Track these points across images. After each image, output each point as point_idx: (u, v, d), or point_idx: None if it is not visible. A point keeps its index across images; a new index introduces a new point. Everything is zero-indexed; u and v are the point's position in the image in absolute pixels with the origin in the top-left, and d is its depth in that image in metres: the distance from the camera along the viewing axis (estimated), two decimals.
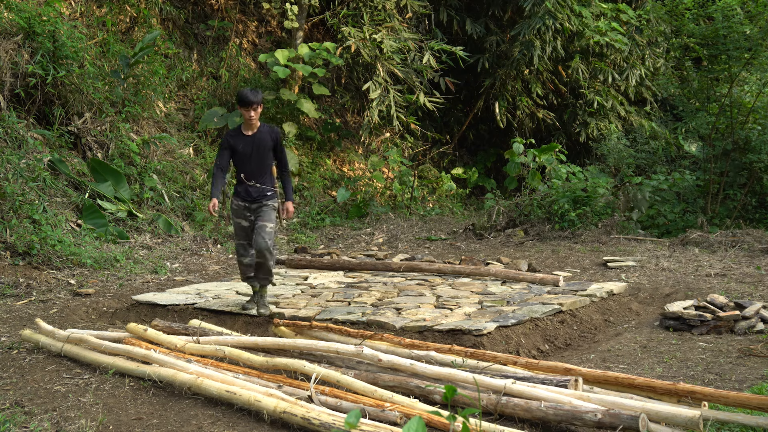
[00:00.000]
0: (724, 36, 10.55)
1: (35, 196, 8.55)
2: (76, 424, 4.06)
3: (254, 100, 6.08)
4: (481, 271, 7.61)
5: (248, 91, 6.11)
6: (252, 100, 6.07)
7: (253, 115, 6.11)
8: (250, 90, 6.15)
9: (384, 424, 3.69)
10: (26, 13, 9.70)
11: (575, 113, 14.71)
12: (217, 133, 12.55)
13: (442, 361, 4.75)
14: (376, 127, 13.31)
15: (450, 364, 4.68)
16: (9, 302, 6.87)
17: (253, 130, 6.19)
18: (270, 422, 3.98)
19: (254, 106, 6.09)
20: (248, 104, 6.07)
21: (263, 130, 6.21)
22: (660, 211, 10.90)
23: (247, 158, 6.16)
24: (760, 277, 7.50)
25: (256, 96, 6.12)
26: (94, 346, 5.19)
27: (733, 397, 3.85)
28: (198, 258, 9.31)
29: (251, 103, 6.07)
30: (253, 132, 6.19)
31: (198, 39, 13.71)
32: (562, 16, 13.32)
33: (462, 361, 4.71)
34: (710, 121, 11.26)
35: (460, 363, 4.69)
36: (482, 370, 4.52)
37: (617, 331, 6.19)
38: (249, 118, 6.11)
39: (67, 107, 10.07)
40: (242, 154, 6.16)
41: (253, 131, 6.19)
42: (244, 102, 6.08)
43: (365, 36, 12.73)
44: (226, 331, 5.70)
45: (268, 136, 6.18)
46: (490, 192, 13.00)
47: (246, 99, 6.07)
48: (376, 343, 5.09)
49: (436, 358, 4.81)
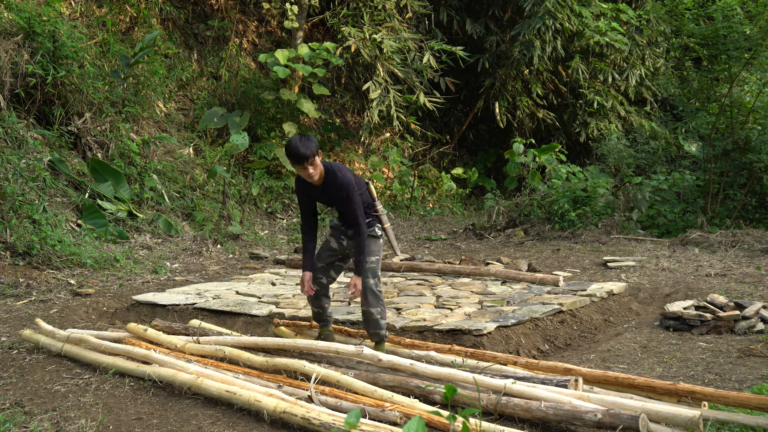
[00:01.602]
0: (724, 36, 10.56)
1: (35, 196, 8.55)
2: (76, 424, 4.06)
3: (307, 154, 4.66)
4: (481, 271, 7.61)
5: (297, 142, 4.67)
6: (304, 155, 4.65)
7: (312, 171, 4.73)
8: (299, 139, 4.70)
9: (384, 424, 3.68)
10: (26, 13, 9.70)
11: (575, 113, 14.71)
12: (216, 133, 12.55)
13: (442, 361, 4.76)
14: (376, 127, 13.32)
15: (450, 364, 4.69)
16: (9, 302, 6.87)
17: (320, 182, 4.87)
18: (270, 422, 3.98)
19: (310, 160, 4.69)
20: (300, 161, 4.70)
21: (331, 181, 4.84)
22: (660, 211, 10.90)
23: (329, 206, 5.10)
24: (760, 277, 7.50)
25: (309, 147, 4.66)
26: (94, 346, 5.19)
27: (733, 397, 3.86)
28: (198, 258, 9.31)
29: (304, 158, 4.67)
30: (320, 183, 4.88)
31: (198, 39, 13.71)
32: (562, 16, 13.32)
33: (462, 361, 4.71)
34: (710, 121, 11.26)
35: (460, 363, 4.69)
36: (482, 370, 4.52)
37: (617, 331, 6.19)
38: (307, 177, 4.79)
39: (67, 107, 10.07)
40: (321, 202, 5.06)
41: (320, 183, 4.88)
42: (295, 159, 4.68)
43: (365, 36, 12.73)
44: (226, 331, 5.70)
45: (337, 191, 4.85)
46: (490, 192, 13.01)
47: (296, 154, 4.66)
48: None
49: (436, 358, 4.81)
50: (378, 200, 5.26)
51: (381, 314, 4.94)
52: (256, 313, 6.28)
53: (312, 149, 4.67)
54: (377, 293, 4.93)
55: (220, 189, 11.32)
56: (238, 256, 9.63)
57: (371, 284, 4.92)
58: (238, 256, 9.60)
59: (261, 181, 12.15)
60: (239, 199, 11.69)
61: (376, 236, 5.06)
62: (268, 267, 8.97)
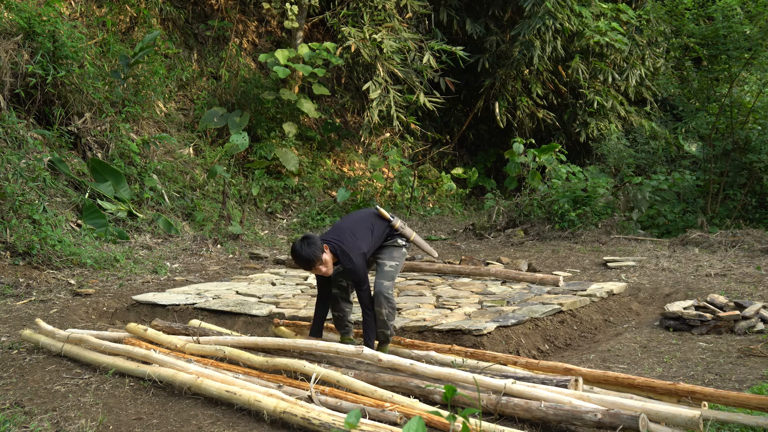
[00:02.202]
0: (724, 36, 10.55)
1: (35, 196, 8.55)
2: (76, 424, 4.06)
3: (312, 258, 4.80)
4: (481, 271, 7.61)
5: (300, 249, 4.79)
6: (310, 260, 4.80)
7: (324, 270, 4.91)
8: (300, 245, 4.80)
9: (384, 424, 3.68)
10: (26, 13, 9.70)
11: (575, 113, 14.71)
12: (216, 133, 12.55)
13: (442, 361, 4.76)
14: (376, 127, 13.32)
15: (450, 364, 4.69)
16: (9, 302, 6.87)
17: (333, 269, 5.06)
18: (270, 422, 3.98)
19: (317, 263, 4.85)
20: (309, 266, 4.86)
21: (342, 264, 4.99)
22: (660, 211, 10.90)
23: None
24: (760, 277, 7.50)
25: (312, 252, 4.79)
26: (94, 346, 5.18)
27: (733, 397, 3.86)
28: (198, 258, 9.31)
29: (312, 263, 4.83)
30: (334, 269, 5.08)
31: (198, 39, 13.71)
32: (562, 16, 13.32)
33: (462, 361, 4.71)
34: (710, 121, 11.26)
35: (460, 363, 4.69)
36: (482, 370, 4.52)
37: (617, 331, 6.19)
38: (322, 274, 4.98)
39: (67, 107, 10.07)
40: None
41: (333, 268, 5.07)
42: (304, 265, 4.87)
43: (365, 36, 12.73)
44: (226, 331, 5.71)
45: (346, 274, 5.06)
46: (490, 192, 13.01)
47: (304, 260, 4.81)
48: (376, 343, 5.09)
49: (436, 358, 4.81)
50: (394, 217, 5.26)
51: (389, 316, 5.04)
52: (256, 313, 6.28)
53: (315, 253, 4.79)
54: (389, 296, 5.05)
55: (220, 189, 11.32)
56: (238, 256, 9.63)
57: (385, 286, 5.05)
58: (238, 256, 9.60)
59: (261, 181, 12.15)
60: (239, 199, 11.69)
61: (398, 246, 5.22)
62: (268, 267, 8.97)
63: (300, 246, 4.80)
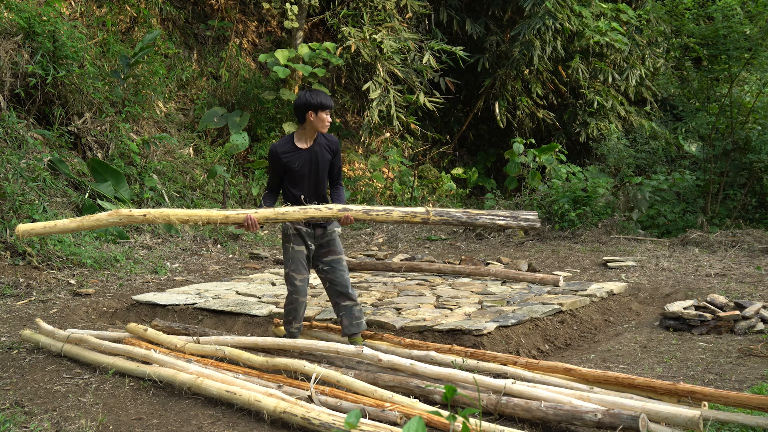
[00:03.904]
0: (724, 36, 10.55)
1: (35, 196, 8.55)
2: (76, 424, 4.06)
3: (330, 100, 4.96)
4: (481, 271, 7.61)
5: (314, 92, 4.93)
6: (328, 101, 4.94)
7: (329, 120, 4.98)
8: (311, 90, 4.98)
9: (384, 424, 3.68)
10: (26, 13, 9.70)
11: (575, 113, 14.71)
12: (216, 133, 12.55)
13: (442, 361, 4.75)
14: (376, 127, 13.32)
15: (450, 364, 4.69)
16: (9, 302, 6.87)
17: (310, 143, 4.98)
18: (270, 422, 3.98)
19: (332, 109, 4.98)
20: (328, 105, 4.92)
21: (321, 142, 4.99)
22: (660, 211, 10.90)
23: (303, 177, 4.97)
24: (760, 277, 7.50)
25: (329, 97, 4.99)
26: (94, 346, 5.19)
27: (733, 397, 3.85)
28: (198, 258, 9.31)
29: (330, 103, 4.95)
30: (309, 145, 4.97)
31: (198, 39, 13.71)
32: (562, 16, 13.32)
33: (462, 361, 4.71)
34: (710, 121, 11.26)
35: (460, 363, 4.69)
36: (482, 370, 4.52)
37: (617, 331, 6.19)
38: (322, 128, 4.95)
39: (67, 107, 10.07)
40: (298, 174, 4.95)
41: (310, 144, 4.98)
42: (321, 106, 4.89)
43: (365, 36, 12.73)
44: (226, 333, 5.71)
45: (326, 149, 5.00)
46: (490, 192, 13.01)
47: (323, 99, 4.88)
48: (376, 343, 5.09)
49: (436, 358, 4.81)
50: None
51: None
52: (256, 313, 6.28)
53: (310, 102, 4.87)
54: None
55: (220, 189, 11.32)
56: (238, 256, 9.63)
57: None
58: (238, 256, 9.60)
59: (261, 181, 12.15)
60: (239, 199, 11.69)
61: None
62: (268, 267, 8.97)
63: (311, 91, 4.94)
